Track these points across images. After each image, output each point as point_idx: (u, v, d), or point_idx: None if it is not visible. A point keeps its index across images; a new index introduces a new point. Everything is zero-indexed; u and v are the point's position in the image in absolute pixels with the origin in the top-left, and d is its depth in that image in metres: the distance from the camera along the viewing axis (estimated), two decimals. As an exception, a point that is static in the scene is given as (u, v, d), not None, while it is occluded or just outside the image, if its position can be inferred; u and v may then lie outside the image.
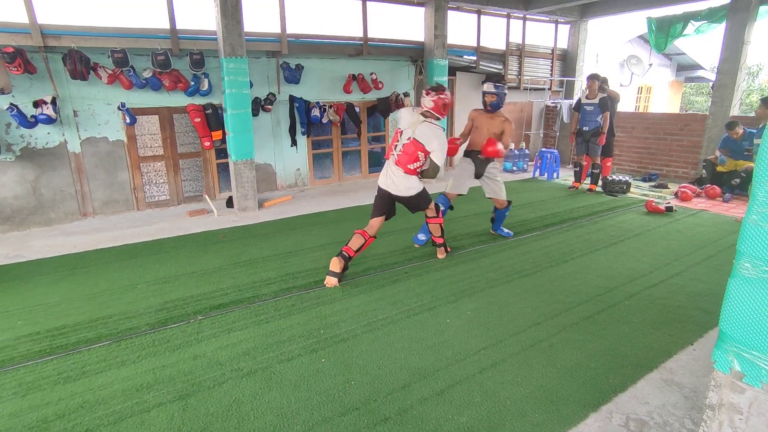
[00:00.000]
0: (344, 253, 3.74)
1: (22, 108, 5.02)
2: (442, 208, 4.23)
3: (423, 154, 3.70)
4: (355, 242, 3.80)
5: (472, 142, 4.54)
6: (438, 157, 3.72)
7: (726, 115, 6.96)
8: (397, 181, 3.77)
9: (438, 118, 3.81)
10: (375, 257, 4.25)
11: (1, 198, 5.22)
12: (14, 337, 2.92)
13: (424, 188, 3.89)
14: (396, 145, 3.79)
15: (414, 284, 3.67)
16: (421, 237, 4.61)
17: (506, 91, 4.44)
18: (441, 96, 3.75)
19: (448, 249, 4.40)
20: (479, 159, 4.45)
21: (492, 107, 4.45)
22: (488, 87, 4.41)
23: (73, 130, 5.53)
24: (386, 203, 3.87)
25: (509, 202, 4.66)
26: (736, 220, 5.31)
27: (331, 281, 3.67)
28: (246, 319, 3.11)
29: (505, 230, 4.85)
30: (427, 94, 3.77)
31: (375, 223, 3.87)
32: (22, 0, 4.82)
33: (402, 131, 3.79)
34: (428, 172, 3.82)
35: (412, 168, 3.73)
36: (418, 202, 3.90)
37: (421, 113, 3.77)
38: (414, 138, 3.68)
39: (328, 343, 2.82)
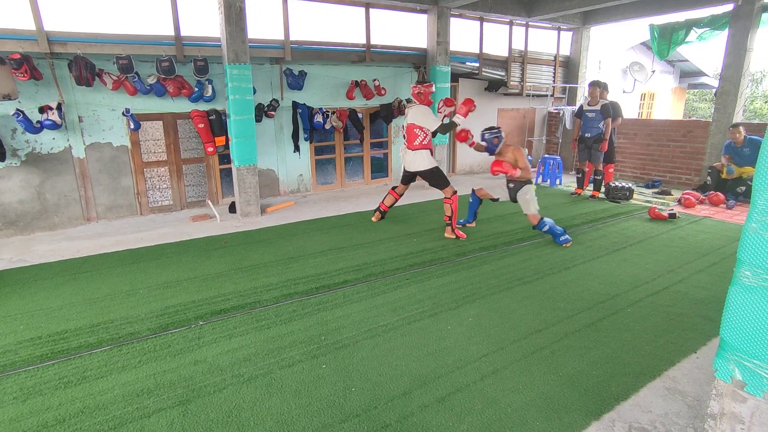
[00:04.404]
0: (381, 209, 5.52)
1: (28, 113, 5.07)
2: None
3: (419, 129, 4.84)
4: (389, 200, 5.43)
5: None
6: (429, 124, 4.80)
7: (729, 121, 6.95)
8: (411, 159, 4.97)
9: (425, 104, 4.90)
10: (376, 263, 4.25)
11: (6, 202, 5.26)
12: (16, 342, 2.93)
13: (438, 167, 4.99)
14: (404, 136, 5.03)
15: (415, 290, 3.66)
16: (563, 238, 4.80)
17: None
18: (415, 87, 4.90)
19: (460, 234, 4.93)
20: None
21: None
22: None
23: (77, 135, 5.58)
24: (409, 177, 5.25)
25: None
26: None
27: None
28: (247, 325, 3.12)
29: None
30: (413, 87, 4.97)
31: (401, 188, 5.41)
32: (29, 7, 4.90)
33: (405, 125, 5.02)
34: (442, 129, 4.80)
35: (417, 144, 4.86)
36: (434, 178, 4.98)
37: (410, 103, 5.01)
38: (409, 122, 4.86)
39: (329, 350, 2.81)
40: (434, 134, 4.99)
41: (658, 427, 2.15)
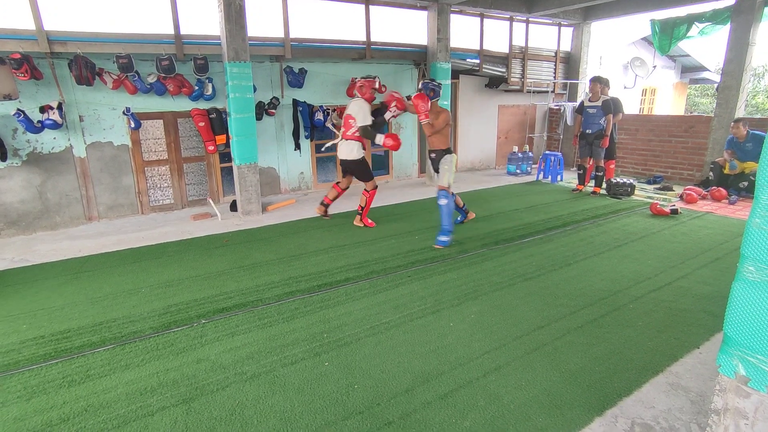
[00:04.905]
0: (324, 202, 5.62)
1: (29, 113, 5.07)
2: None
3: (354, 121, 5.07)
4: (332, 193, 5.60)
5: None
6: (359, 120, 5.02)
7: (731, 116, 6.93)
8: (343, 148, 5.21)
9: (365, 98, 5.15)
10: (378, 261, 4.25)
11: (8, 202, 5.27)
12: (19, 341, 2.94)
13: (364, 159, 5.26)
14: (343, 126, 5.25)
15: (417, 288, 3.66)
16: (443, 238, 4.58)
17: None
18: (358, 81, 5.23)
19: (368, 223, 5.34)
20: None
21: None
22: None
23: (78, 134, 5.58)
24: (345, 168, 5.42)
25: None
26: None
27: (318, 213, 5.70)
28: (249, 323, 3.12)
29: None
30: (357, 81, 5.25)
31: (344, 181, 5.58)
32: (29, 7, 4.89)
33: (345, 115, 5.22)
34: (362, 133, 5.08)
35: (350, 134, 5.12)
36: (359, 170, 5.26)
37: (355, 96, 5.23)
38: (347, 113, 5.15)
39: (332, 347, 2.82)
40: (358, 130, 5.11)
41: (661, 423, 2.15)
